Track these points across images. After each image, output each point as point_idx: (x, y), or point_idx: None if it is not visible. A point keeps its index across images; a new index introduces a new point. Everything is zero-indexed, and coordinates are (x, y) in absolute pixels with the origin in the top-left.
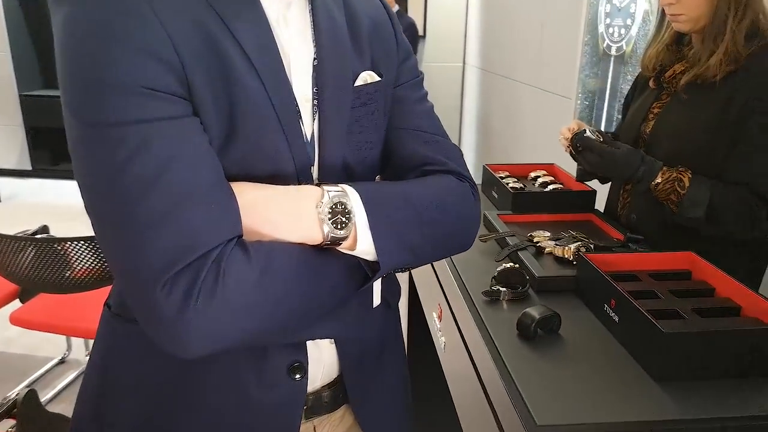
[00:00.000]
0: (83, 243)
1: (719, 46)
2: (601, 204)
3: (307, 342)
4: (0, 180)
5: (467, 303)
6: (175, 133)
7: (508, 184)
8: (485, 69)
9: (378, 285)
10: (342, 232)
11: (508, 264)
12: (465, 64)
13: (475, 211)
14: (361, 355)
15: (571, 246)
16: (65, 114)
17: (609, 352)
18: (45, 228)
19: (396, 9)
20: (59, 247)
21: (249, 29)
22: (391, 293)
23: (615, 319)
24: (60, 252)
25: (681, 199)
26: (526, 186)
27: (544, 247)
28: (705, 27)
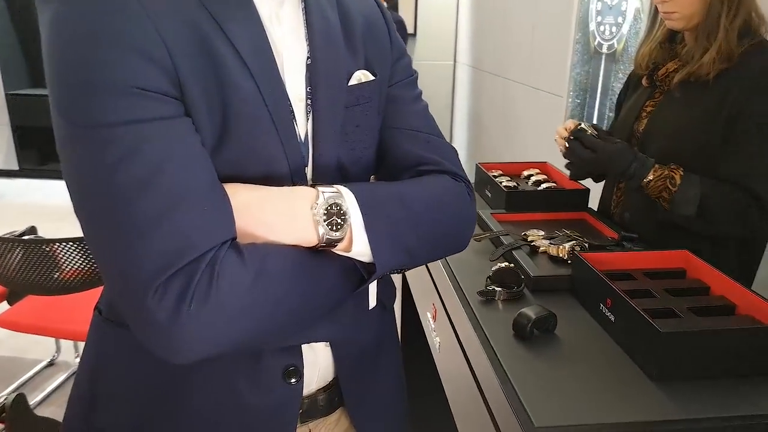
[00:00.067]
0: (72, 244)
1: (712, 44)
2: (595, 202)
3: (303, 345)
4: None
5: (462, 303)
6: (167, 134)
7: (501, 182)
8: (476, 67)
9: (374, 287)
10: (337, 233)
11: (502, 263)
12: (456, 62)
13: (471, 212)
14: (357, 358)
15: (566, 245)
16: (54, 115)
17: (605, 351)
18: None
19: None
20: (47, 248)
21: (241, 28)
22: (387, 295)
23: (611, 319)
24: (48, 253)
25: (672, 196)
26: (519, 185)
27: (538, 246)
28: (698, 25)
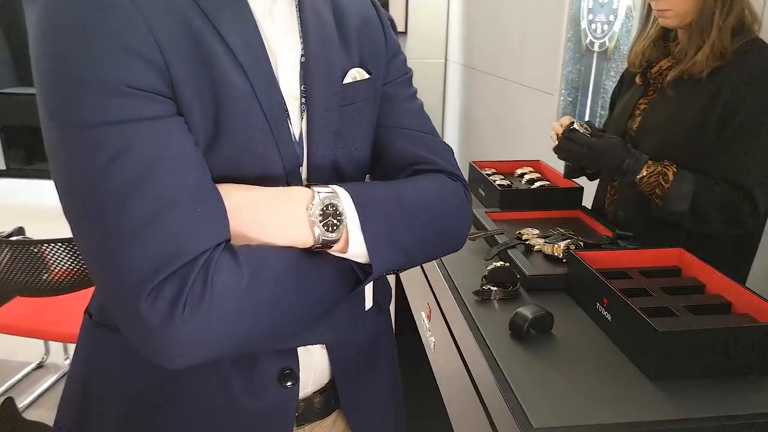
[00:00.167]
0: (60, 245)
1: (706, 41)
2: (588, 201)
3: (298, 348)
4: None
5: (458, 302)
6: (159, 134)
7: (495, 181)
8: (467, 65)
9: (370, 288)
10: (333, 234)
11: (498, 263)
12: (447, 60)
13: (467, 211)
14: (353, 360)
15: (561, 244)
16: (42, 115)
17: (602, 351)
18: (20, 230)
19: None
20: (35, 249)
21: (234, 25)
22: (383, 295)
23: (608, 318)
24: (36, 254)
25: (665, 193)
26: (512, 183)
27: (533, 245)
28: (691, 23)
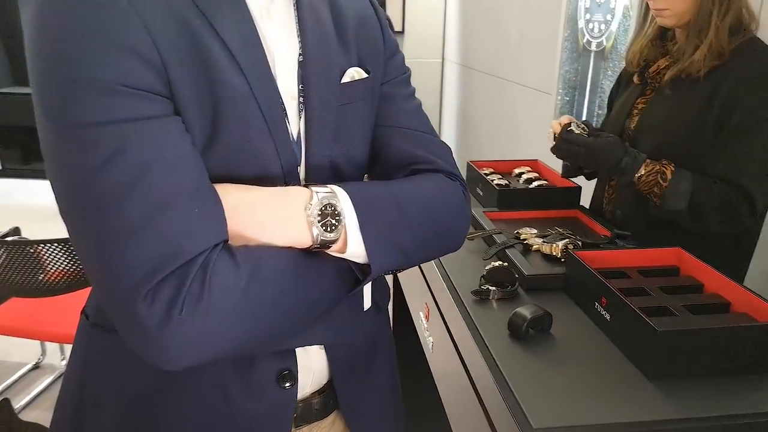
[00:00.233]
0: (57, 245)
1: (703, 41)
2: (586, 200)
3: (297, 349)
4: None
5: (456, 302)
6: (156, 134)
7: (492, 180)
8: (465, 65)
9: (368, 288)
10: (332, 234)
11: (496, 262)
12: (444, 60)
13: (466, 211)
14: (352, 360)
15: (559, 243)
16: (37, 115)
17: (602, 351)
18: (16, 230)
19: None
20: (32, 250)
21: (231, 24)
22: (381, 295)
23: (606, 318)
24: (33, 255)
25: (663, 192)
26: (510, 183)
27: (531, 245)
28: (689, 22)
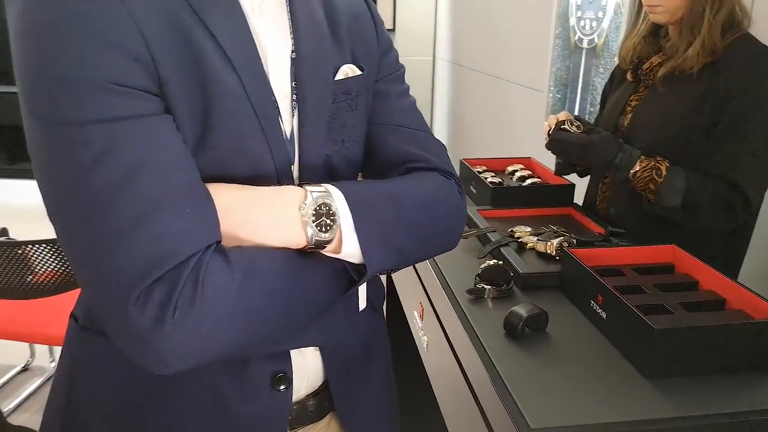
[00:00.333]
0: (45, 246)
1: (696, 37)
2: (579, 198)
3: (291, 350)
4: None
5: (451, 301)
6: (146, 133)
7: (486, 178)
8: (456, 63)
9: (363, 288)
10: (327, 235)
11: (491, 261)
12: (435, 57)
13: (462, 209)
14: (348, 361)
15: (554, 241)
16: (24, 114)
17: (598, 349)
18: (4, 231)
19: None
20: (20, 251)
21: (223, 20)
22: (376, 295)
23: (602, 316)
24: (20, 256)
25: (658, 188)
26: (504, 180)
27: (525, 243)
28: (682, 18)
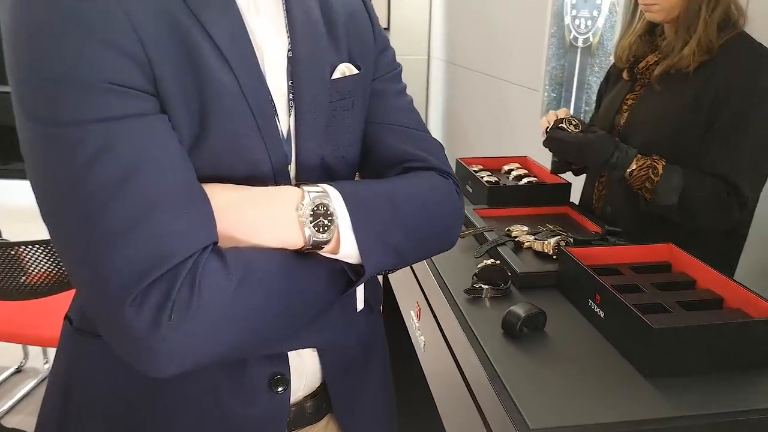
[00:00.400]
0: (39, 247)
1: (692, 36)
2: (576, 197)
3: (289, 352)
4: None
5: (448, 301)
6: (142, 133)
7: (482, 178)
8: (451, 62)
9: (361, 288)
10: (324, 235)
11: (488, 260)
12: (430, 57)
13: (460, 209)
14: (345, 362)
15: (551, 240)
16: (17, 113)
17: (596, 349)
18: None
19: None
20: (13, 252)
21: (219, 18)
22: (374, 296)
23: (600, 315)
24: (14, 257)
25: (655, 186)
26: (500, 180)
27: (522, 242)
28: (678, 17)
